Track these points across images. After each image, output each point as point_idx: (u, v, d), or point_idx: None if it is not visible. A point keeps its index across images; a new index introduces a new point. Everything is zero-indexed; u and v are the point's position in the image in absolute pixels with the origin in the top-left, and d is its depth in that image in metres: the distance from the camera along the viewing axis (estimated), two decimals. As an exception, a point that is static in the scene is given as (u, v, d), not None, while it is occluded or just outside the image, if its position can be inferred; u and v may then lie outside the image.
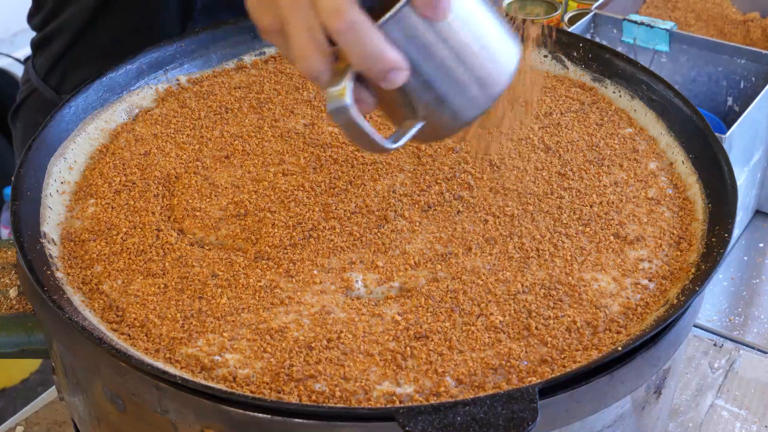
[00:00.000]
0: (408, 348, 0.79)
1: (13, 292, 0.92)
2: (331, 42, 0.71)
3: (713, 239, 0.88)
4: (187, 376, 0.77)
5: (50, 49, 1.37)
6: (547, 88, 1.13)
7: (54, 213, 0.94)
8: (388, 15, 0.69)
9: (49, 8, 1.36)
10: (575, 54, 1.16)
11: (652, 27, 1.47)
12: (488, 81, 0.75)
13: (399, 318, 0.82)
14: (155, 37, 1.18)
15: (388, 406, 0.75)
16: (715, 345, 1.23)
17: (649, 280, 0.87)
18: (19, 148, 1.48)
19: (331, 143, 1.03)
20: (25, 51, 1.46)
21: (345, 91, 0.71)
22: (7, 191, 2.57)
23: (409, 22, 0.70)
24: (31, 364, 2.44)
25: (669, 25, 1.47)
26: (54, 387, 1.06)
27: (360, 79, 0.73)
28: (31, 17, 1.41)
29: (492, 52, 0.75)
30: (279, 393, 0.76)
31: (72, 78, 1.37)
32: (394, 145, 0.75)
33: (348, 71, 0.71)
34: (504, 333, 0.81)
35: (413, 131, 0.76)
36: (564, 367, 0.78)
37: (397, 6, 0.69)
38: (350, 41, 0.68)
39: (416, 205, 0.94)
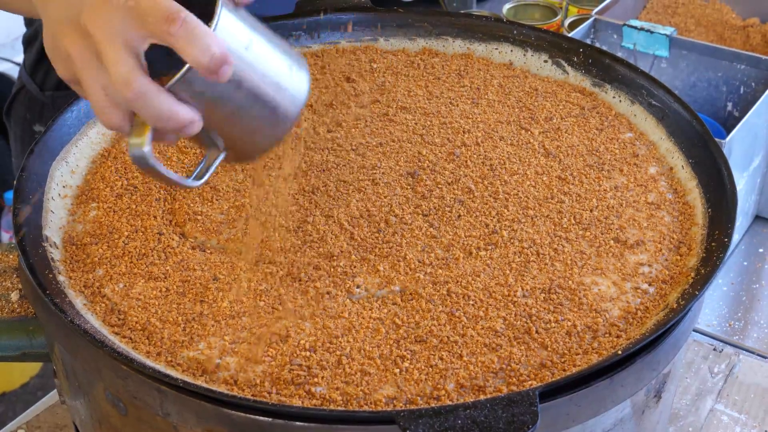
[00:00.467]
0: (408, 351, 0.80)
1: (14, 296, 0.92)
2: None
3: (713, 244, 0.89)
4: (189, 379, 0.77)
5: (35, 46, 1.38)
6: (548, 93, 1.13)
7: (56, 217, 0.94)
8: (174, 79, 0.72)
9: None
10: (575, 59, 1.16)
11: (652, 32, 1.47)
12: (280, 116, 0.78)
13: (399, 322, 0.82)
14: None
15: (389, 409, 0.75)
16: (714, 350, 1.23)
17: (649, 285, 0.87)
18: (13, 144, 1.49)
19: (333, 147, 1.03)
20: (26, 55, 1.47)
21: (144, 141, 0.74)
22: (8, 196, 2.57)
23: (195, 81, 0.73)
24: (31, 369, 2.44)
25: (669, 30, 1.47)
26: (55, 390, 1.06)
27: None
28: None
29: (282, 89, 0.78)
30: (280, 396, 0.76)
31: (54, 74, 1.38)
32: (198, 183, 0.79)
33: (145, 123, 0.74)
34: (504, 337, 0.81)
35: (215, 165, 0.79)
36: (564, 370, 0.79)
37: (182, 70, 0.72)
38: (141, 107, 0.71)
39: (417, 209, 0.94)
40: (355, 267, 0.88)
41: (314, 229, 0.92)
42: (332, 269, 0.88)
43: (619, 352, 0.76)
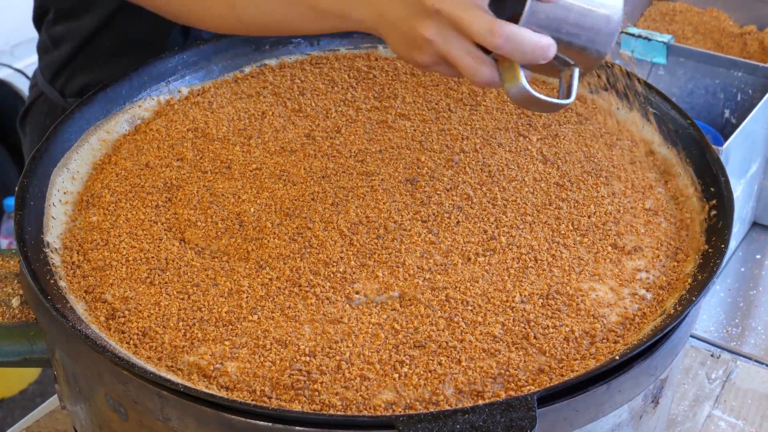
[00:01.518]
0: (407, 356, 0.80)
1: (15, 302, 0.92)
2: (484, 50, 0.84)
3: (710, 250, 0.89)
4: (189, 383, 0.77)
5: (57, 53, 1.39)
6: (546, 100, 1.14)
7: (57, 222, 0.95)
8: (524, 15, 0.83)
9: (57, 13, 1.37)
10: (573, 66, 1.16)
11: (649, 40, 1.48)
12: (611, 16, 0.88)
13: (398, 327, 0.83)
14: (160, 46, 1.19)
15: (388, 414, 0.75)
16: (712, 356, 1.24)
17: (647, 290, 0.88)
18: (27, 153, 1.50)
19: (332, 154, 1.03)
20: (26, 62, 1.47)
21: (520, 77, 0.85)
22: (7, 202, 2.58)
23: (538, 10, 0.83)
24: (30, 375, 2.44)
25: (666, 38, 1.48)
26: (54, 396, 1.07)
27: None
28: (39, 20, 1.42)
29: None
30: (280, 401, 0.77)
31: (77, 80, 1.38)
32: (570, 100, 0.89)
33: (513, 64, 0.85)
34: (503, 342, 0.82)
35: (575, 80, 0.89)
36: (562, 376, 0.79)
37: (527, 5, 0.82)
38: (511, 49, 0.82)
39: (416, 216, 0.95)
40: (354, 273, 0.88)
41: (314, 236, 0.92)
42: (332, 275, 0.88)
43: (617, 358, 0.77)
